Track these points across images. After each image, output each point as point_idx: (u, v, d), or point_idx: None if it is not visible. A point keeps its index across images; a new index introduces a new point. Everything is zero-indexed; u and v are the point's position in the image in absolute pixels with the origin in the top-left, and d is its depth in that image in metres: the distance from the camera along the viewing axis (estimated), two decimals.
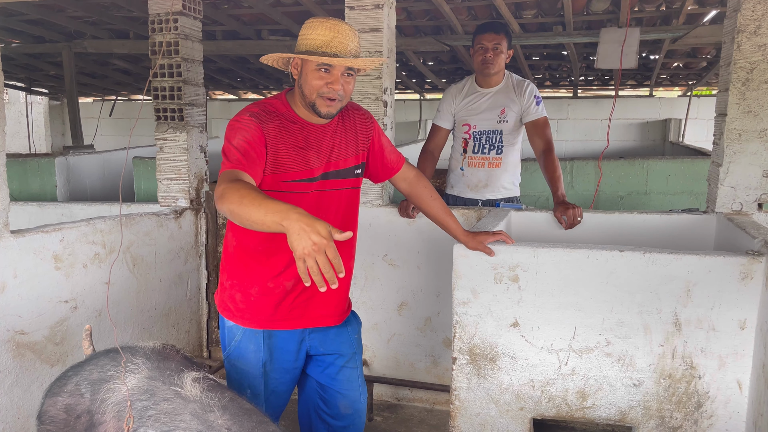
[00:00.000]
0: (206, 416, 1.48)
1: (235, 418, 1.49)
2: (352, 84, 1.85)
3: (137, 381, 1.61)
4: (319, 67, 1.77)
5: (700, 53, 5.84)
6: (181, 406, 1.52)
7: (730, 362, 2.06)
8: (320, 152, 1.89)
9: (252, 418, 1.53)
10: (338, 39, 1.77)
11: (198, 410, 1.50)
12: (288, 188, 1.83)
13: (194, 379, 1.60)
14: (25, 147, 9.28)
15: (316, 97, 1.80)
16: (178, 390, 1.56)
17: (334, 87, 1.78)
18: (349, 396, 2.06)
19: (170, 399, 1.54)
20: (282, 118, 1.85)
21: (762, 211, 2.65)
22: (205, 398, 1.53)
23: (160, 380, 1.60)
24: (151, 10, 3.25)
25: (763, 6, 2.49)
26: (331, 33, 1.76)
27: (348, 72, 1.81)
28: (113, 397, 1.59)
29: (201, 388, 1.57)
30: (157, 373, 1.63)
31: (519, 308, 2.20)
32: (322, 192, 1.91)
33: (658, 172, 4.46)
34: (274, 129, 1.81)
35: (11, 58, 6.34)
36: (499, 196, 3.30)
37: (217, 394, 1.56)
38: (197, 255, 3.40)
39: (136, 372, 1.64)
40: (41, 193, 4.80)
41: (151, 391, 1.57)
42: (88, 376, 1.70)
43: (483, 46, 3.12)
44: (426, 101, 8.90)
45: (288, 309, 1.94)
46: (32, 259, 2.31)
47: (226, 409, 1.51)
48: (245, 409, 1.56)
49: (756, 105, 2.56)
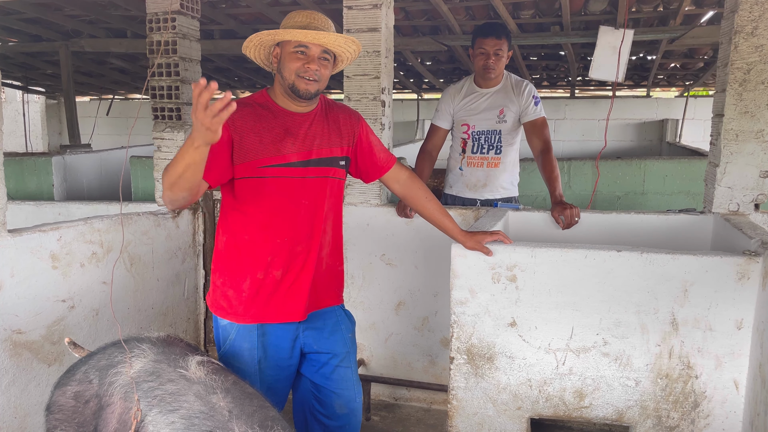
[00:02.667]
0: (209, 398, 1.51)
1: (236, 401, 1.52)
2: (329, 70, 1.94)
3: (143, 364, 1.65)
4: (296, 50, 1.87)
5: (697, 54, 5.86)
6: (186, 387, 1.55)
7: (727, 362, 2.07)
8: (298, 139, 1.93)
9: (253, 402, 1.56)
10: (314, 24, 1.88)
11: (201, 392, 1.53)
12: (264, 173, 1.89)
13: (199, 362, 1.64)
14: (22, 146, 9.27)
15: (295, 78, 1.88)
16: (183, 372, 1.60)
17: (311, 66, 1.86)
18: (343, 395, 2.07)
19: (175, 380, 1.58)
20: (256, 107, 1.94)
21: (759, 211, 2.66)
22: (209, 380, 1.57)
23: (166, 363, 1.65)
24: (149, 9, 3.24)
25: (760, 7, 2.50)
26: (308, 19, 1.89)
27: (324, 56, 1.90)
28: (120, 380, 1.63)
29: (205, 371, 1.61)
30: (162, 356, 1.68)
31: (517, 308, 2.21)
32: (305, 179, 1.94)
33: (655, 172, 4.47)
34: (243, 117, 1.88)
35: (8, 56, 6.33)
36: (497, 196, 3.30)
37: (220, 377, 1.60)
38: (195, 254, 3.40)
39: (143, 357, 1.68)
40: (38, 192, 4.79)
41: (157, 373, 1.61)
42: (96, 363, 1.75)
43: (485, 51, 3.12)
44: (424, 101, 8.91)
45: (281, 300, 1.95)
46: (29, 258, 2.31)
47: (228, 391, 1.55)
48: (247, 393, 1.59)
49: (753, 106, 2.57)
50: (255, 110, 1.93)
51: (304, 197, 1.94)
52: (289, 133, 1.92)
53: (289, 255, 1.94)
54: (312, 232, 1.97)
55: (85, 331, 2.56)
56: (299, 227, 1.95)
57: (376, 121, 3.07)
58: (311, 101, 1.95)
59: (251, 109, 1.92)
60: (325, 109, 2.04)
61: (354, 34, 2.98)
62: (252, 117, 1.91)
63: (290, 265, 1.95)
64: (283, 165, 1.91)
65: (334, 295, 2.11)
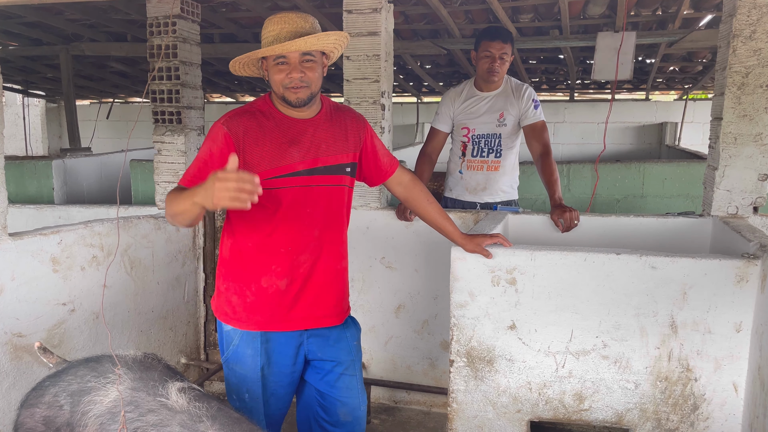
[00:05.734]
0: (196, 427, 1.45)
1: (225, 427, 1.46)
2: (317, 70, 1.87)
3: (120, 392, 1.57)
4: (276, 62, 1.83)
5: (695, 57, 5.87)
6: (169, 417, 1.48)
7: (726, 365, 2.08)
8: (303, 147, 1.90)
9: (242, 426, 1.51)
10: (286, 29, 1.82)
11: (187, 421, 1.46)
12: (269, 185, 1.85)
13: (179, 389, 1.56)
14: (22, 149, 9.27)
15: (283, 90, 1.85)
16: (164, 401, 1.52)
17: (294, 76, 1.82)
18: (348, 404, 2.04)
19: (156, 410, 1.50)
20: (260, 116, 1.90)
21: (757, 214, 2.66)
22: (193, 408, 1.50)
23: (144, 391, 1.56)
24: (150, 13, 3.26)
25: (758, 11, 2.51)
26: (279, 26, 1.83)
27: (306, 59, 1.84)
28: (95, 409, 1.55)
29: (187, 398, 1.53)
30: (140, 383, 1.59)
31: (516, 311, 2.21)
32: (310, 188, 1.91)
33: (654, 175, 4.48)
34: (247, 128, 1.86)
35: (8, 60, 6.33)
36: (497, 200, 3.31)
37: (204, 404, 1.53)
38: (195, 258, 3.40)
39: (119, 383, 1.59)
40: (38, 195, 4.79)
41: (136, 403, 1.53)
42: (67, 387, 1.65)
43: (490, 54, 3.14)
44: (423, 104, 8.92)
45: (285, 310, 1.94)
46: (30, 261, 2.31)
47: (215, 419, 1.48)
48: (234, 418, 1.54)
49: (751, 109, 2.58)
50: (258, 120, 1.89)
51: (309, 206, 1.91)
52: (294, 141, 1.89)
53: (293, 264, 1.92)
54: (317, 241, 1.94)
55: (86, 335, 2.57)
56: (304, 236, 1.92)
57: (376, 125, 3.08)
58: (310, 106, 1.92)
59: (254, 119, 1.88)
60: (330, 114, 2.00)
61: (354, 37, 3.00)
62: (255, 128, 1.87)
63: (294, 274, 1.92)
64: (288, 175, 1.87)
65: (341, 305, 2.07)
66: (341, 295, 2.06)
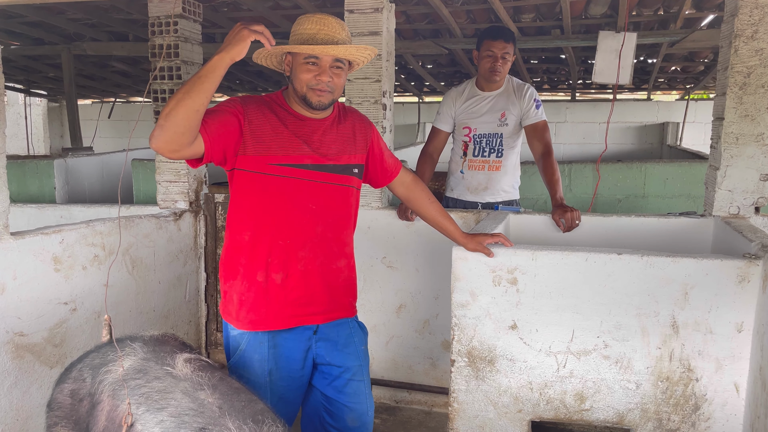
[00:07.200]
0: (197, 394, 1.51)
1: (225, 396, 1.53)
2: (343, 77, 1.87)
3: (132, 362, 1.67)
4: (306, 61, 1.81)
5: (697, 57, 5.86)
6: (172, 384, 1.56)
7: (728, 365, 2.07)
8: (312, 145, 1.89)
9: (241, 396, 1.56)
10: (324, 31, 1.80)
11: (189, 388, 1.54)
12: (273, 171, 1.84)
13: (186, 359, 1.65)
14: (24, 149, 9.28)
15: (307, 90, 1.83)
16: (170, 369, 1.61)
17: (322, 78, 1.81)
18: (356, 409, 2.02)
19: (162, 378, 1.58)
20: (274, 105, 1.90)
21: (759, 214, 2.66)
22: (196, 377, 1.58)
23: (153, 361, 1.66)
24: (151, 12, 3.26)
25: (760, 11, 2.51)
26: (317, 26, 1.81)
27: (336, 65, 1.83)
28: (109, 378, 1.65)
29: (192, 368, 1.62)
30: (151, 354, 1.70)
31: (517, 311, 2.21)
32: (316, 183, 1.90)
33: (655, 175, 4.48)
34: (260, 111, 1.85)
35: (10, 60, 6.34)
36: (498, 199, 3.31)
37: (207, 374, 1.61)
38: (196, 257, 3.40)
39: (132, 355, 1.69)
40: (40, 194, 4.80)
41: (144, 371, 1.62)
42: (91, 362, 1.76)
43: (492, 53, 3.13)
44: (425, 104, 8.92)
45: (283, 306, 1.91)
46: (32, 260, 2.31)
47: (215, 387, 1.55)
48: (234, 388, 1.60)
49: (753, 109, 2.58)
50: (271, 107, 1.89)
51: (312, 202, 1.90)
52: (302, 138, 1.88)
53: (290, 258, 1.89)
54: (319, 239, 1.93)
55: (87, 334, 2.57)
56: (304, 232, 1.90)
57: (378, 124, 3.08)
58: (326, 110, 1.92)
59: (267, 106, 1.88)
60: (339, 116, 1.99)
61: (356, 37, 3.00)
62: (268, 112, 1.86)
63: (291, 270, 1.90)
64: (295, 165, 1.86)
65: (347, 307, 2.05)
66: (343, 294, 2.04)
